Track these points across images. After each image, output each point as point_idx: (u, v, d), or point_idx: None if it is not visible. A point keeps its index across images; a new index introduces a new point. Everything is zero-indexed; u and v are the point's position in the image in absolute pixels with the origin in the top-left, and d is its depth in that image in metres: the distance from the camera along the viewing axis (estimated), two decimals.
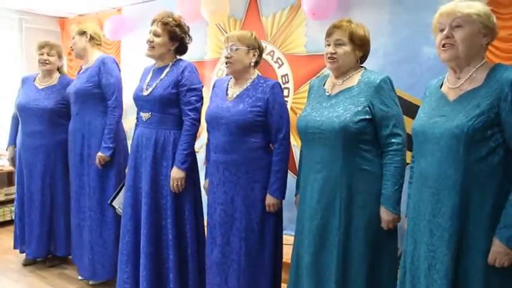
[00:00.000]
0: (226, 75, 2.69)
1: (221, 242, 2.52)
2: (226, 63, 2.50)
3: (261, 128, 2.46)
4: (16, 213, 3.73)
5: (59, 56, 3.69)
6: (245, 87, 2.53)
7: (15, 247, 3.74)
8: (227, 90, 2.60)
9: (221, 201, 2.52)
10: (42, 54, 3.59)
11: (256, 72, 2.59)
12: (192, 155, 2.73)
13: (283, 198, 2.51)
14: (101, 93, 3.23)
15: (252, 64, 2.54)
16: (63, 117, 3.56)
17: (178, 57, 2.85)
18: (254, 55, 2.53)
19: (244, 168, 2.46)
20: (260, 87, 2.49)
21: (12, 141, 3.78)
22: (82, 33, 3.34)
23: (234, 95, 2.53)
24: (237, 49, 2.48)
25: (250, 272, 2.47)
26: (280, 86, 2.55)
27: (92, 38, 3.36)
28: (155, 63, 2.87)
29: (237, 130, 2.44)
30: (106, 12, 5.23)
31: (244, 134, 2.44)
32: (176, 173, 2.66)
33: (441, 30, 1.74)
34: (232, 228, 2.50)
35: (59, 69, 3.74)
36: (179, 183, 2.67)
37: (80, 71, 3.44)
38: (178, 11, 4.05)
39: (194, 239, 2.74)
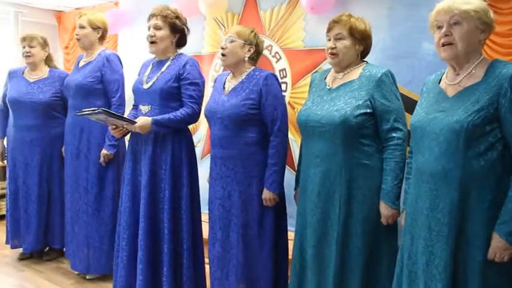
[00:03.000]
0: (224, 69, 2.68)
1: (221, 237, 2.53)
2: (222, 54, 2.52)
3: (256, 121, 2.46)
4: (8, 209, 3.69)
5: (43, 47, 3.62)
6: (240, 80, 2.53)
7: (7, 242, 3.71)
8: (224, 84, 2.60)
9: (219, 196, 2.53)
10: (24, 47, 3.55)
11: (252, 67, 2.58)
12: (167, 128, 2.65)
13: (280, 192, 2.49)
14: (103, 88, 3.21)
15: (246, 59, 2.54)
16: (58, 110, 3.56)
17: (179, 50, 2.84)
18: (249, 50, 2.54)
19: (241, 163, 2.46)
20: (254, 80, 2.49)
21: (1, 135, 3.75)
22: (96, 28, 3.28)
23: (230, 89, 2.54)
24: (232, 41, 2.50)
25: (250, 267, 2.48)
26: (276, 77, 2.54)
27: (102, 35, 3.33)
28: (155, 57, 2.85)
29: (232, 124, 2.44)
30: (103, 6, 5.20)
31: (239, 128, 2.44)
32: (146, 123, 2.59)
33: (439, 28, 1.73)
34: (230, 224, 2.50)
35: (47, 62, 3.69)
36: (140, 130, 2.60)
37: (77, 62, 3.40)
38: (176, 4, 4.03)
39: (190, 234, 2.72)
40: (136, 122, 2.61)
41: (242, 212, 2.47)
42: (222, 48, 2.51)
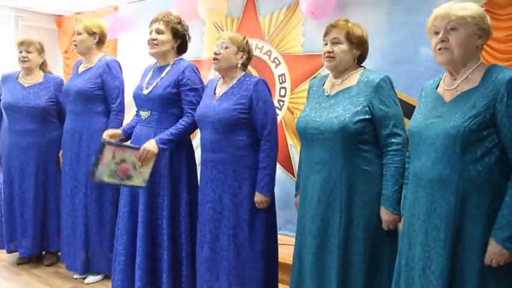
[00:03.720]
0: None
1: (210, 239, 2.54)
2: (214, 59, 2.55)
3: (246, 126, 2.48)
4: (3, 213, 3.66)
5: (40, 53, 3.62)
6: (231, 85, 2.56)
7: (1, 247, 3.68)
8: (215, 89, 2.63)
9: (210, 199, 2.54)
10: (21, 51, 3.54)
11: (243, 72, 2.61)
12: (173, 142, 2.65)
13: (272, 195, 2.52)
14: (103, 94, 3.22)
15: (239, 65, 2.57)
16: (53, 115, 3.56)
17: (179, 56, 2.86)
18: (242, 57, 2.58)
19: (231, 167, 2.48)
20: (245, 85, 2.52)
21: None
22: (92, 33, 3.28)
23: (221, 94, 2.56)
24: (226, 47, 2.52)
25: (241, 268, 2.49)
26: (266, 82, 2.56)
27: (100, 40, 3.33)
28: (156, 62, 2.87)
29: (222, 128, 2.47)
30: (102, 11, 5.22)
31: (230, 132, 2.47)
32: (151, 146, 2.59)
33: (436, 33, 1.73)
34: (221, 226, 2.52)
35: (42, 68, 3.68)
36: (147, 155, 2.59)
37: (76, 68, 3.40)
38: (175, 9, 4.04)
39: (188, 240, 2.73)
40: (139, 148, 2.60)
41: (233, 214, 2.49)
42: (216, 54, 2.54)
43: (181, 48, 2.85)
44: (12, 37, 5.34)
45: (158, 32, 2.72)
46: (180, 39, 2.81)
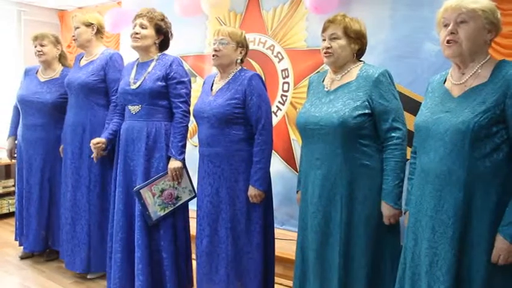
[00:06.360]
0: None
1: (209, 232, 2.57)
2: (214, 55, 2.57)
3: (242, 120, 2.51)
4: (16, 207, 3.73)
5: (55, 45, 3.62)
6: (227, 80, 2.58)
7: (16, 239, 3.74)
8: (212, 85, 2.66)
9: (207, 193, 2.58)
10: (35, 46, 3.56)
11: (239, 67, 2.62)
12: (184, 146, 2.77)
13: (266, 189, 2.53)
14: (105, 87, 3.23)
15: (238, 61, 2.60)
16: (64, 111, 3.53)
17: (161, 52, 2.89)
18: (241, 53, 2.61)
19: (227, 160, 2.51)
20: (239, 80, 2.54)
21: (12, 133, 3.76)
22: (89, 24, 3.28)
23: (217, 89, 2.59)
24: (227, 43, 2.54)
25: (239, 260, 2.52)
26: (260, 77, 2.58)
27: (98, 31, 3.33)
28: (137, 59, 2.91)
29: (217, 123, 2.50)
30: (105, 5, 5.21)
31: (225, 127, 2.49)
32: (174, 164, 2.72)
33: (446, 26, 1.72)
34: (218, 219, 2.55)
35: (61, 61, 3.69)
36: (177, 172, 2.73)
37: (78, 61, 3.39)
38: (178, 4, 4.03)
39: (182, 230, 2.81)
40: (166, 172, 2.73)
41: (230, 207, 2.52)
42: (216, 50, 2.55)
43: (163, 44, 2.90)
44: (15, 31, 5.35)
45: (142, 26, 2.78)
46: (163, 36, 2.86)
